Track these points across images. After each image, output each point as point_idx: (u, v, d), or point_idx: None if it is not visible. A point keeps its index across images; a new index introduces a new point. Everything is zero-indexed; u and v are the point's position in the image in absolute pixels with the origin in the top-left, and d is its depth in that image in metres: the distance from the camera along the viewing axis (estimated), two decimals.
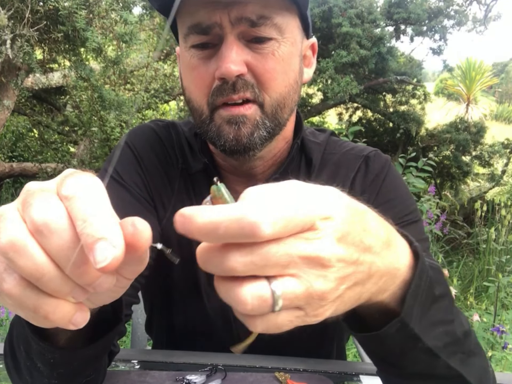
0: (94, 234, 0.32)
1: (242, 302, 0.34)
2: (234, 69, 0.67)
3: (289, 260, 0.34)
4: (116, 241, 0.32)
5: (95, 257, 0.31)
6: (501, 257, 3.56)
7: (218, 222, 0.32)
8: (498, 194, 5.59)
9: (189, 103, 0.76)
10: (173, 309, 0.91)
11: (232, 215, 0.32)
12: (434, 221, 3.51)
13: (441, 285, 0.49)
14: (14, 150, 5.48)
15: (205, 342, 0.89)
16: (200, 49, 0.71)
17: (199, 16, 0.69)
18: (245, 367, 0.80)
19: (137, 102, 4.31)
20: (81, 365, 0.56)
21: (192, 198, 0.85)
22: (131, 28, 3.01)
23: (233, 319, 0.87)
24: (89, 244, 0.31)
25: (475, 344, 0.57)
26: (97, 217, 0.32)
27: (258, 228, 0.32)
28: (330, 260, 0.35)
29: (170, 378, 0.75)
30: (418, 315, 0.45)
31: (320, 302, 0.36)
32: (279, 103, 0.73)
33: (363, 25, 4.40)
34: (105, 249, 0.31)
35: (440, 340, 0.48)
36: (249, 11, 0.67)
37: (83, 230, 0.32)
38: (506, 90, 16.99)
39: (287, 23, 0.72)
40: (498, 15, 5.93)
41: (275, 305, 0.34)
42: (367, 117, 5.93)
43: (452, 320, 0.51)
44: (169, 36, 4.89)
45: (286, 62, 0.72)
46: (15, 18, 2.76)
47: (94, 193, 0.34)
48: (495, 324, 2.43)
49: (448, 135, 5.15)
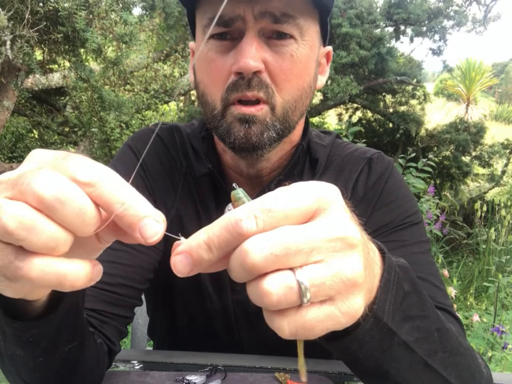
0: (138, 214, 0.34)
1: (266, 293, 0.32)
2: (252, 65, 0.67)
3: (312, 246, 0.32)
4: (159, 216, 0.35)
5: (145, 233, 0.34)
6: (501, 257, 3.56)
7: (211, 235, 0.34)
8: (498, 194, 5.59)
9: (203, 97, 0.76)
10: (176, 312, 0.91)
11: (220, 223, 0.33)
12: (434, 221, 3.51)
13: (409, 281, 0.48)
14: (14, 151, 5.48)
15: (207, 343, 0.89)
16: (218, 40, 0.71)
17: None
18: (245, 367, 0.80)
19: (137, 102, 4.31)
20: (58, 332, 0.53)
21: (195, 201, 0.85)
22: (131, 29, 3.01)
23: (235, 321, 0.87)
24: (134, 223, 0.34)
25: (458, 343, 0.56)
26: (134, 198, 0.35)
27: (239, 226, 0.32)
28: (355, 238, 0.34)
29: (170, 378, 0.76)
30: (391, 309, 0.45)
31: (352, 289, 0.34)
32: (290, 106, 0.73)
33: (362, 25, 4.40)
34: (152, 225, 0.35)
35: (411, 335, 0.47)
36: (273, 7, 0.67)
37: (124, 212, 0.34)
38: (506, 91, 16.99)
39: (308, 26, 0.72)
40: (498, 16, 5.93)
41: (303, 296, 0.32)
42: (367, 117, 5.93)
43: (425, 316, 0.50)
44: (168, 37, 4.89)
45: (303, 65, 0.72)
46: (15, 19, 2.76)
47: (118, 178, 0.35)
48: (495, 324, 2.43)
49: (448, 136, 5.14)
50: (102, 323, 0.70)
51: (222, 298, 0.86)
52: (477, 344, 2.34)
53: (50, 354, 0.54)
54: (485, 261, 3.89)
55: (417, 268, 0.72)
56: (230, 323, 0.87)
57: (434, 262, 0.80)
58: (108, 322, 0.71)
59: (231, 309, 0.86)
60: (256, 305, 0.34)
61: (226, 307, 0.86)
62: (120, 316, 0.73)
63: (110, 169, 0.36)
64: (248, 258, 0.32)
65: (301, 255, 0.32)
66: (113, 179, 0.35)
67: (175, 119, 5.19)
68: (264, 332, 0.52)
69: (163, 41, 5.14)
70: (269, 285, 0.32)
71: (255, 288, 0.33)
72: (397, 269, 0.46)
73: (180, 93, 4.93)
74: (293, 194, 0.34)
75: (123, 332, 0.75)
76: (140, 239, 0.35)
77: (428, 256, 0.80)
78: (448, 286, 2.82)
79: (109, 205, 0.34)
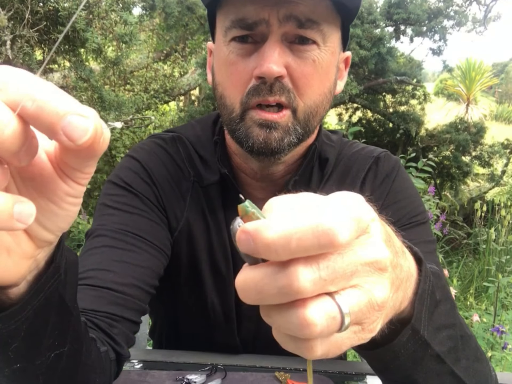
0: (58, 111, 0.27)
1: (310, 324, 0.29)
2: (275, 70, 0.66)
3: (353, 270, 0.30)
4: (87, 112, 0.28)
5: (71, 134, 0.28)
6: (501, 257, 3.56)
7: (290, 234, 0.28)
8: (498, 194, 5.59)
9: (221, 99, 0.75)
10: (179, 321, 0.91)
11: (305, 225, 0.28)
12: (434, 221, 3.51)
13: (441, 289, 0.47)
14: None
15: (208, 349, 0.89)
16: (240, 43, 0.70)
17: (246, 10, 0.68)
18: (245, 367, 0.80)
19: (137, 102, 4.31)
20: (34, 332, 0.43)
21: (204, 211, 0.84)
22: (131, 29, 3.01)
23: (238, 332, 0.87)
24: (55, 123, 0.27)
25: (476, 348, 0.56)
26: (50, 92, 0.28)
27: (335, 235, 0.28)
28: (386, 263, 0.33)
29: (170, 377, 0.76)
30: (426, 320, 0.44)
31: (378, 312, 0.33)
32: (312, 111, 0.73)
33: (362, 25, 4.40)
34: (79, 122, 0.28)
35: (444, 345, 0.48)
36: (298, 11, 0.67)
37: (38, 110, 0.27)
38: (506, 91, 16.99)
39: (331, 32, 0.72)
40: (498, 16, 5.93)
41: (343, 323, 0.30)
42: (367, 117, 5.92)
43: (453, 324, 0.50)
44: (168, 37, 4.89)
45: (324, 71, 0.72)
46: (15, 19, 2.76)
47: (30, 76, 0.29)
48: (495, 325, 2.43)
49: (448, 136, 5.14)
50: (111, 326, 0.67)
51: (226, 309, 0.86)
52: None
53: (29, 359, 0.45)
54: (485, 261, 3.88)
55: None
56: (232, 335, 0.87)
57: (439, 263, 0.80)
58: (116, 326, 0.68)
59: (234, 321, 0.86)
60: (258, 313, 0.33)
61: (230, 319, 0.86)
62: (128, 320, 0.71)
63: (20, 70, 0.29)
64: (296, 280, 0.28)
65: (344, 280, 0.30)
66: (22, 75, 0.28)
67: (175, 119, 5.19)
68: (267, 339, 0.51)
69: (163, 41, 5.14)
70: (313, 315, 0.29)
71: (292, 316, 0.29)
72: (432, 277, 0.45)
73: (180, 93, 4.93)
74: (357, 207, 0.31)
75: (130, 340, 0.72)
76: (67, 142, 0.28)
77: (434, 256, 0.80)
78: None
79: (17, 106, 0.27)
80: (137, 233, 0.75)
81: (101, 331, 0.65)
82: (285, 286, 0.28)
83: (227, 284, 0.83)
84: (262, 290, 0.29)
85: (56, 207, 0.35)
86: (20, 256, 0.36)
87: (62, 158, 0.33)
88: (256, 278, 0.30)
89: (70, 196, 0.35)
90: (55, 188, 0.34)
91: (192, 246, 0.84)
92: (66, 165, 0.33)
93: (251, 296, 0.30)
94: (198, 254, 0.84)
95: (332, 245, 0.28)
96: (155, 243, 0.77)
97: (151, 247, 0.76)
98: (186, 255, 0.84)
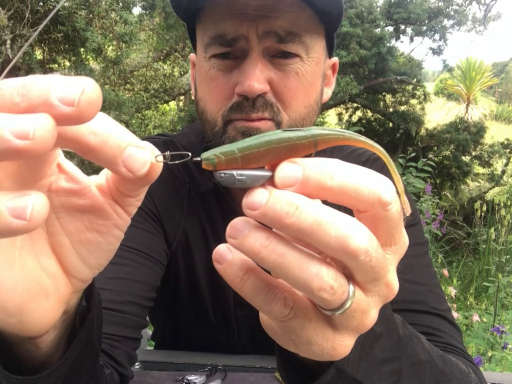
0: (119, 143, 0.27)
1: (319, 278, 0.26)
2: (257, 88, 0.64)
3: (379, 279, 0.29)
4: (143, 143, 0.28)
5: (132, 165, 0.27)
6: (501, 257, 3.56)
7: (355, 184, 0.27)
8: (498, 194, 5.59)
9: (203, 114, 0.73)
10: (179, 325, 0.91)
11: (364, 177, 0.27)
12: (432, 220, 3.52)
13: (386, 321, 0.42)
14: None
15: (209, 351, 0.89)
16: (221, 59, 0.69)
17: (225, 27, 0.66)
18: (245, 367, 0.80)
19: (137, 102, 4.31)
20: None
21: (202, 218, 0.82)
22: (131, 28, 3.01)
23: (238, 336, 0.87)
24: (117, 156, 0.27)
25: (439, 372, 0.48)
26: (109, 124, 0.27)
27: (384, 197, 0.28)
28: (391, 297, 0.32)
29: (170, 378, 0.75)
30: (357, 358, 0.39)
31: (362, 327, 0.30)
32: (297, 124, 0.71)
33: (363, 25, 4.41)
34: (139, 153, 0.28)
35: (386, 380, 0.42)
36: (278, 26, 0.65)
37: (101, 144, 0.27)
38: (506, 90, 16.99)
39: (314, 42, 0.70)
40: (498, 15, 5.93)
41: (346, 302, 0.28)
42: (367, 117, 5.93)
43: (399, 357, 0.44)
44: (168, 36, 4.89)
45: (309, 82, 0.70)
46: (15, 18, 2.76)
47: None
48: (495, 324, 2.43)
49: (448, 135, 5.15)
50: (112, 347, 0.65)
51: (225, 313, 0.85)
52: (477, 344, 2.34)
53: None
54: (485, 261, 3.89)
55: (412, 272, 0.71)
56: (232, 337, 0.87)
57: (430, 265, 0.77)
58: (118, 346, 0.66)
59: (234, 324, 0.86)
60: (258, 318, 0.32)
61: (230, 324, 0.86)
62: (129, 338, 0.69)
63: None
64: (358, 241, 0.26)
65: (379, 275, 0.29)
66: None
67: (175, 118, 5.19)
68: (267, 341, 0.49)
69: (163, 41, 5.13)
70: (325, 274, 0.27)
71: (309, 266, 0.27)
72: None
73: (180, 92, 4.93)
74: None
75: (133, 358, 0.70)
76: (127, 173, 0.28)
77: (424, 259, 0.77)
78: (448, 286, 2.82)
79: (81, 137, 0.27)
80: (131, 245, 0.73)
81: (103, 354, 0.63)
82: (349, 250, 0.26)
83: (225, 287, 0.83)
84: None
85: (103, 240, 0.33)
86: (58, 300, 0.33)
87: (117, 186, 0.32)
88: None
89: (118, 228, 0.34)
90: (106, 217, 0.33)
91: (190, 253, 0.82)
92: (118, 192, 0.32)
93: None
94: (196, 262, 0.83)
95: (384, 206, 0.28)
96: (150, 254, 0.75)
97: (147, 259, 0.74)
98: (184, 264, 0.83)
